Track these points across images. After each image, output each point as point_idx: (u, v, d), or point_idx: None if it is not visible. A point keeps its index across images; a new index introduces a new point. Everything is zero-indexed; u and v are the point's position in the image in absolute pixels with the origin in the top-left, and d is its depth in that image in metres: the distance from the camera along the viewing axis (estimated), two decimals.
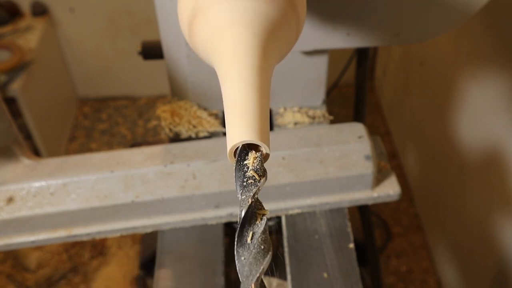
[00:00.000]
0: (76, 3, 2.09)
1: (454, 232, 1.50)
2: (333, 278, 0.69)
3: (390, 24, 0.69)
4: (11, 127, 0.69)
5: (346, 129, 0.75)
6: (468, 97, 1.32)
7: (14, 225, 0.71)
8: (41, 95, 1.97)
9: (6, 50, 1.85)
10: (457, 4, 0.66)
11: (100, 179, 0.70)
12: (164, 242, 0.74)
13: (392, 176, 0.77)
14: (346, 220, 0.75)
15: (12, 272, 1.77)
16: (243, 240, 0.33)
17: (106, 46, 2.24)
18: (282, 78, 0.83)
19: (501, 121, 1.15)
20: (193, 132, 0.83)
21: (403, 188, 0.82)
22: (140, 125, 2.33)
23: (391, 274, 1.73)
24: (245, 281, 0.32)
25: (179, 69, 0.81)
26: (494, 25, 1.15)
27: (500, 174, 1.17)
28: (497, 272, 1.24)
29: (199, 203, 0.72)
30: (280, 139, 0.74)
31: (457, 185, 1.44)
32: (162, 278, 0.71)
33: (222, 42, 0.42)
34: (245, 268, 0.32)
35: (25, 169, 0.72)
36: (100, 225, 0.73)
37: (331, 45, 0.72)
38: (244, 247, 0.33)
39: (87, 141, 2.26)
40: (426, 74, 1.66)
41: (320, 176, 0.72)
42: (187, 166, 0.71)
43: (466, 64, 1.31)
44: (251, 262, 0.32)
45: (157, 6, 0.73)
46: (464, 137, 1.35)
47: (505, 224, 1.18)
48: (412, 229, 1.83)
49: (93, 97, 2.44)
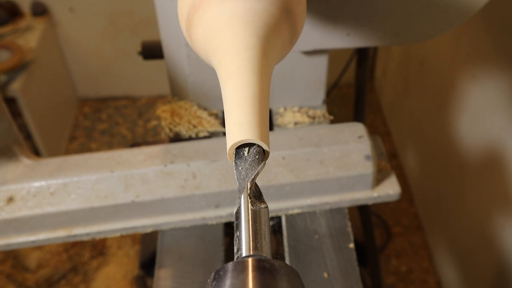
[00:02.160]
0: (76, 3, 2.09)
1: (454, 232, 1.50)
2: (333, 278, 0.69)
3: (390, 24, 0.69)
4: (11, 127, 0.69)
5: (346, 129, 0.75)
6: (468, 97, 1.32)
7: (14, 225, 0.71)
8: (41, 95, 1.97)
9: (6, 50, 1.85)
10: (457, 4, 0.66)
11: (100, 179, 0.70)
12: (164, 242, 0.74)
13: (392, 176, 0.77)
14: (346, 220, 0.75)
15: (12, 272, 1.77)
16: (241, 153, 0.37)
17: (106, 46, 2.24)
18: (282, 78, 0.83)
19: (501, 121, 1.15)
20: (193, 132, 0.83)
21: (403, 188, 0.82)
22: (140, 125, 2.33)
23: (391, 274, 1.73)
24: (242, 182, 0.36)
25: (179, 69, 0.81)
26: (494, 25, 1.15)
27: (500, 174, 1.17)
28: (497, 272, 1.24)
29: (199, 203, 0.72)
30: (280, 139, 0.74)
31: (457, 185, 1.44)
32: (162, 278, 0.71)
33: (221, 42, 0.42)
34: (241, 173, 0.36)
35: (25, 169, 0.72)
36: (100, 225, 0.73)
37: (331, 45, 0.72)
38: (241, 159, 0.37)
39: (87, 141, 2.26)
40: (426, 74, 1.66)
41: (320, 176, 0.72)
42: (187, 166, 0.71)
43: (466, 64, 1.31)
44: (247, 168, 0.36)
45: (157, 6, 0.73)
46: (464, 137, 1.35)
47: (505, 224, 1.18)
48: (412, 229, 1.83)
49: (93, 97, 2.44)
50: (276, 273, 0.30)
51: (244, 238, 0.33)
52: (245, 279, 0.29)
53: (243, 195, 0.35)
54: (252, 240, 0.33)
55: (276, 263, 0.31)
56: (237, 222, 0.34)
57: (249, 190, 0.35)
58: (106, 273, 1.77)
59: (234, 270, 0.30)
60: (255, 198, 0.35)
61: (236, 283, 0.29)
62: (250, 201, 0.35)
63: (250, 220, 0.34)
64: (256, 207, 0.34)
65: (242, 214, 0.34)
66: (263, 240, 0.33)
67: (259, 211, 0.34)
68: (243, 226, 0.33)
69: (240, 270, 0.30)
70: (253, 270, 0.30)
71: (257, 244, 0.32)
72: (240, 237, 0.33)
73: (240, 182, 0.36)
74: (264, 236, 0.33)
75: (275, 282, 0.30)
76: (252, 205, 0.34)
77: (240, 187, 0.36)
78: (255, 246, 0.32)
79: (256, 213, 0.34)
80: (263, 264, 0.30)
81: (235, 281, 0.30)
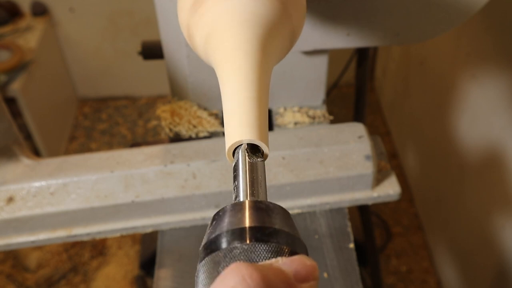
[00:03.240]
0: (76, 3, 2.09)
1: (454, 232, 1.50)
2: (333, 278, 0.69)
3: (390, 24, 0.69)
4: (11, 127, 0.69)
5: (346, 129, 0.75)
6: (468, 97, 1.32)
7: (14, 225, 0.71)
8: (41, 95, 1.97)
9: (6, 50, 1.85)
10: (457, 4, 0.66)
11: (100, 179, 0.70)
12: (164, 242, 0.74)
13: (392, 176, 0.77)
14: (346, 220, 0.75)
15: (12, 272, 1.77)
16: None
17: (106, 46, 2.24)
18: (282, 78, 0.83)
19: (501, 121, 1.15)
20: (193, 132, 0.83)
21: (403, 188, 0.82)
22: (140, 125, 2.33)
23: (391, 274, 1.73)
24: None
25: (179, 69, 0.81)
26: (494, 25, 1.15)
27: (500, 174, 1.17)
28: (497, 272, 1.24)
29: (199, 203, 0.72)
30: (280, 139, 0.74)
31: (457, 185, 1.44)
32: (162, 278, 0.71)
33: (221, 42, 0.42)
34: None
35: (25, 169, 0.72)
36: (100, 225, 0.73)
37: (331, 45, 0.72)
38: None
39: (87, 141, 2.26)
40: (426, 74, 1.66)
41: (320, 176, 0.72)
42: (187, 166, 0.71)
43: (466, 64, 1.31)
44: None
45: (157, 6, 0.73)
46: (464, 137, 1.35)
47: (505, 224, 1.18)
48: (412, 229, 1.83)
49: (93, 97, 2.44)
50: (271, 212, 0.33)
51: (242, 186, 0.35)
52: (242, 216, 0.32)
53: (240, 150, 0.37)
54: (249, 187, 0.35)
55: (271, 204, 0.33)
56: (235, 174, 0.36)
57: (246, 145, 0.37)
58: (106, 273, 1.77)
59: (232, 210, 0.33)
60: (252, 153, 0.37)
61: (234, 221, 0.32)
62: (248, 155, 0.37)
63: (247, 170, 0.36)
64: (253, 159, 0.37)
65: (240, 166, 0.36)
66: (259, 188, 0.35)
67: (256, 163, 0.36)
68: (241, 176, 0.36)
69: (238, 209, 0.33)
70: (249, 209, 0.33)
71: (254, 191, 0.35)
72: (238, 186, 0.36)
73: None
74: (260, 184, 0.36)
75: (270, 219, 0.32)
76: (249, 158, 0.37)
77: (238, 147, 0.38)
78: (252, 192, 0.35)
79: (253, 165, 0.36)
80: (259, 205, 0.33)
81: (233, 219, 0.32)
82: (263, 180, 0.36)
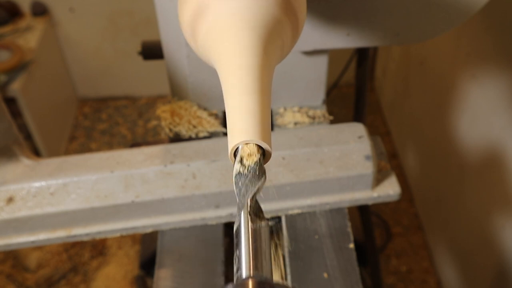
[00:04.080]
0: (76, 3, 2.09)
1: (454, 232, 1.50)
2: (333, 278, 0.69)
3: (390, 24, 0.69)
4: (11, 127, 0.69)
5: (346, 129, 0.75)
6: (468, 97, 1.32)
7: (14, 225, 0.71)
8: (41, 95, 1.97)
9: (6, 50, 1.85)
10: (457, 4, 0.66)
11: (100, 179, 0.70)
12: (164, 242, 0.74)
13: (392, 176, 0.77)
14: (346, 220, 0.75)
15: (12, 272, 1.77)
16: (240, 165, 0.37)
17: (106, 46, 2.24)
18: (282, 78, 0.83)
19: (501, 121, 1.15)
20: (193, 132, 0.83)
21: (403, 188, 0.82)
22: (140, 125, 2.33)
23: (391, 274, 1.73)
24: (242, 199, 0.35)
25: (179, 69, 0.81)
26: (494, 25, 1.15)
27: (500, 174, 1.17)
28: (497, 272, 1.24)
29: (199, 203, 0.72)
30: (280, 139, 0.74)
31: (457, 185, 1.44)
32: (162, 278, 0.71)
33: (223, 43, 0.42)
34: (242, 190, 0.36)
35: (25, 169, 0.72)
36: (100, 225, 0.73)
37: (331, 45, 0.72)
38: (241, 175, 0.36)
39: (87, 141, 2.26)
40: (426, 74, 1.66)
41: (320, 176, 0.72)
42: (187, 166, 0.71)
43: (466, 64, 1.31)
44: (247, 184, 0.36)
45: (157, 6, 0.73)
46: (464, 137, 1.35)
47: (505, 224, 1.18)
48: (412, 229, 1.83)
49: (93, 97, 2.44)
50: None
51: (244, 258, 0.33)
52: None
53: (242, 212, 0.34)
54: (253, 260, 0.32)
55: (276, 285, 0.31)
56: (237, 241, 0.34)
57: (249, 207, 0.35)
58: (106, 273, 1.77)
59: None
60: (255, 215, 0.35)
61: None
62: (250, 219, 0.34)
63: (250, 238, 0.33)
64: (256, 225, 0.34)
65: (242, 233, 0.34)
66: (263, 260, 0.33)
67: (259, 229, 0.34)
68: (243, 245, 0.33)
69: None
70: None
71: (257, 264, 0.32)
72: (240, 257, 0.33)
73: (240, 199, 0.36)
74: (264, 256, 0.33)
75: None
76: (252, 223, 0.34)
77: (239, 204, 0.35)
78: (255, 266, 0.32)
79: (256, 231, 0.34)
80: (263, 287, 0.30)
81: None
82: (267, 249, 0.34)
